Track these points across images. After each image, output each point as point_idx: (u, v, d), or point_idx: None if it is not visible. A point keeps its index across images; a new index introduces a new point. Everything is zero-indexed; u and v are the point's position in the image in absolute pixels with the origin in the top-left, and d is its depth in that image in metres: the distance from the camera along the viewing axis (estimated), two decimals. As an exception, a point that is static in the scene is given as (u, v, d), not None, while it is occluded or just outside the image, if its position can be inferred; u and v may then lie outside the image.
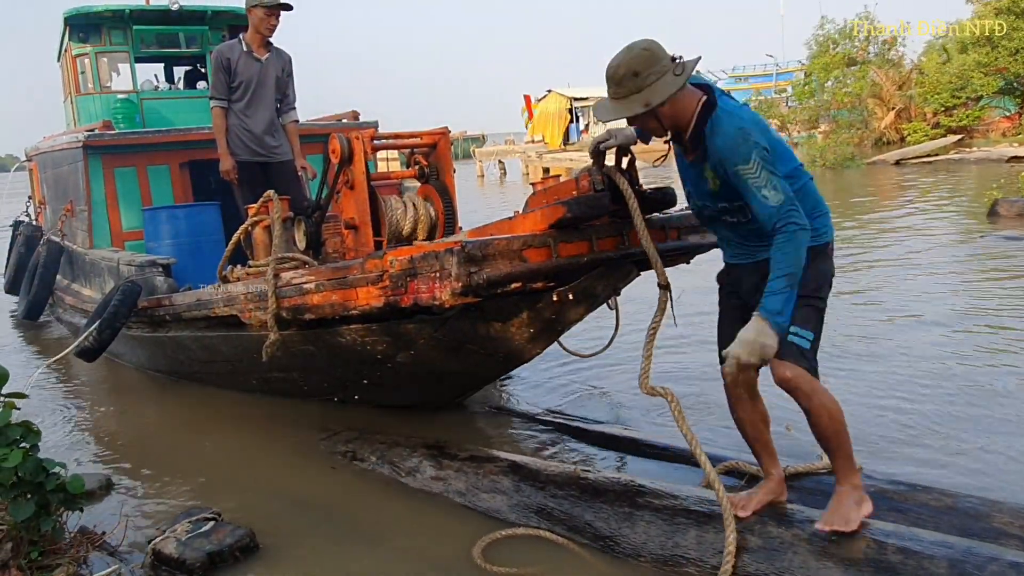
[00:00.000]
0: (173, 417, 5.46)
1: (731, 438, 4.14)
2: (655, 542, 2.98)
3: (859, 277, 8.24)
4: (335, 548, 3.36)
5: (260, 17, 5.32)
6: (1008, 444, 3.76)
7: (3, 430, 3.14)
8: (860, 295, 7.39)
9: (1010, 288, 7.08)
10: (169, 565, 3.16)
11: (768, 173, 2.56)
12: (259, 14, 5.30)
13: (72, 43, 7.95)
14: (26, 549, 3.08)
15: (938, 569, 2.43)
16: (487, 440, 4.37)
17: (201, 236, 6.17)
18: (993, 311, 6.39)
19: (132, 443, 4.89)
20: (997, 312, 6.34)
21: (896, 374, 4.76)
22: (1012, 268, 7.96)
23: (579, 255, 3.29)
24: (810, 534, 2.71)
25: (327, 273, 3.79)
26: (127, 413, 5.67)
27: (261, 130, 5.47)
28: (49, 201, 8.60)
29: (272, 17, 5.34)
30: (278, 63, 5.53)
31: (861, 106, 27.01)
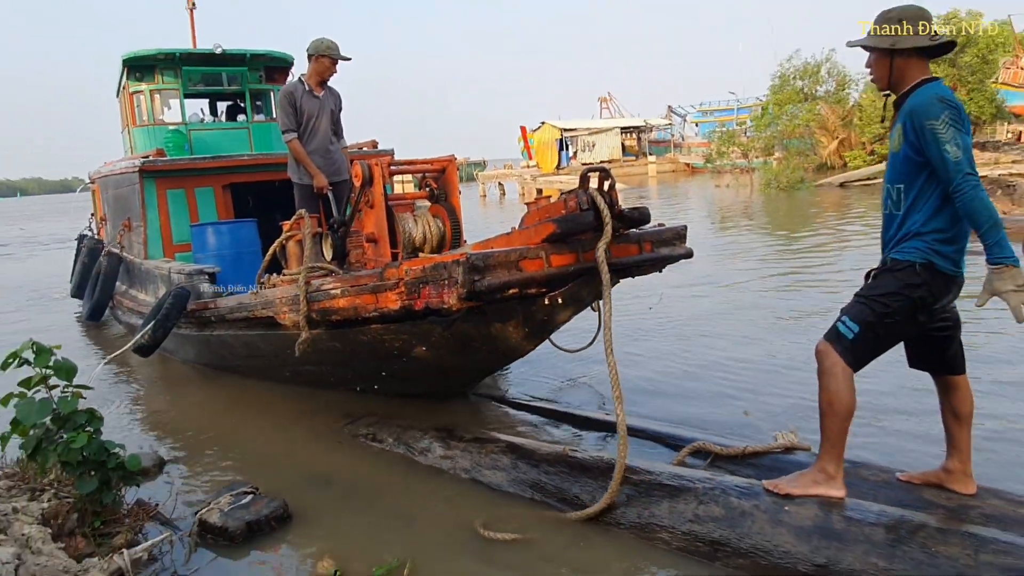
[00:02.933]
0: (217, 405, 5.47)
1: (699, 420, 4.18)
2: (632, 511, 2.99)
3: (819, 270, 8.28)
4: (358, 517, 3.38)
5: (326, 66, 5.39)
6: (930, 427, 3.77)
7: (71, 416, 3.16)
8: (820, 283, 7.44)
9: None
10: (213, 533, 3.18)
11: (955, 131, 2.43)
12: (325, 63, 5.37)
13: (129, 82, 7.97)
14: (90, 519, 3.10)
15: (876, 535, 2.46)
16: (488, 424, 4.38)
17: (241, 248, 6.19)
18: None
19: (182, 427, 4.89)
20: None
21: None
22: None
23: (567, 265, 3.30)
24: (767, 505, 2.72)
25: (351, 280, 3.81)
26: (177, 401, 5.68)
27: (321, 160, 5.50)
28: (109, 218, 8.61)
29: (333, 67, 5.43)
30: (332, 99, 5.59)
31: (810, 136, 27.08)
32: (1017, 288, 2.37)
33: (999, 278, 2.39)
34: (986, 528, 2.43)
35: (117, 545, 2.94)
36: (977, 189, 2.40)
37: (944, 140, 2.44)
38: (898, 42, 2.59)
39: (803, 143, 26.74)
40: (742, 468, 3.28)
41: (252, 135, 8.14)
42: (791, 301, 7.35)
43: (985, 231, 2.40)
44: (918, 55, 2.62)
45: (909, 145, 2.57)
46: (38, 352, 3.17)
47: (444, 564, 2.91)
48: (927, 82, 2.60)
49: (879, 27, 2.66)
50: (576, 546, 2.97)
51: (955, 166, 2.42)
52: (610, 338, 3.11)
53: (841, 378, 2.63)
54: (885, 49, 2.63)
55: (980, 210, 2.40)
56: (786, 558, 2.56)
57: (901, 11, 2.63)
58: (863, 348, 2.65)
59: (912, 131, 2.54)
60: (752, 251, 11.20)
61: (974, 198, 2.39)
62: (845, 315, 2.68)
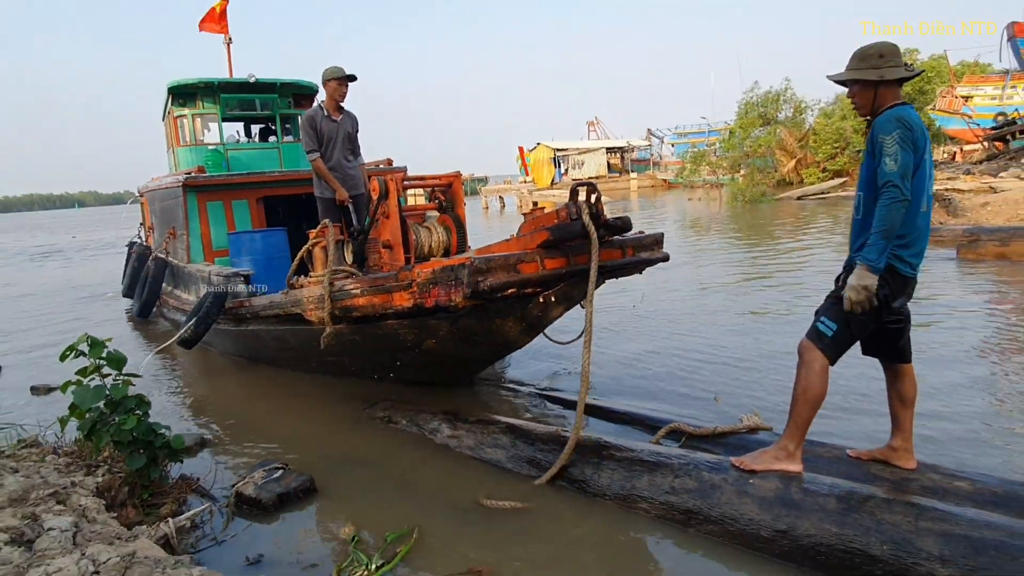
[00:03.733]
0: (251, 391, 5.47)
1: (675, 404, 4.19)
2: (617, 484, 3.00)
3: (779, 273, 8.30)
4: (375, 489, 3.39)
5: (334, 87, 5.37)
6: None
7: (122, 401, 3.16)
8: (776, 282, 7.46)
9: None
10: (248, 503, 3.19)
11: (899, 148, 2.43)
12: (333, 85, 5.36)
13: (174, 107, 7.97)
14: (139, 492, 3.10)
15: (829, 505, 2.47)
16: (490, 407, 4.39)
17: (272, 253, 6.18)
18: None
19: (220, 411, 4.90)
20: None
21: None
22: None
23: (559, 268, 3.32)
24: (734, 479, 2.73)
25: (369, 281, 3.81)
26: (216, 388, 5.68)
27: (340, 175, 5.49)
28: (156, 227, 8.61)
29: (343, 87, 5.39)
30: (348, 122, 5.57)
31: (771, 155, 27.13)
32: (856, 282, 2.50)
33: (855, 272, 2.52)
34: (925, 498, 2.44)
35: (163, 514, 2.95)
36: (893, 201, 2.43)
37: (887, 153, 2.46)
38: (885, 74, 2.58)
39: (765, 162, 26.81)
40: (712, 446, 3.29)
41: (282, 154, 8.14)
42: (755, 300, 7.36)
43: (874, 233, 2.48)
44: (896, 83, 2.62)
45: (871, 156, 2.57)
46: (92, 345, 3.17)
47: (449, 530, 2.91)
48: (897, 105, 2.59)
49: (861, 62, 2.64)
50: (567, 514, 2.97)
51: (885, 175, 2.45)
52: (590, 332, 3.16)
53: (818, 371, 2.64)
54: (871, 80, 2.61)
55: (883, 217, 2.45)
56: (751, 525, 2.58)
57: (880, 47, 2.62)
58: (840, 343, 2.65)
59: (871, 143, 2.56)
60: (720, 256, 11.21)
61: (885, 206, 2.45)
62: (823, 316, 2.67)
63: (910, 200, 2.46)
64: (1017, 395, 4.12)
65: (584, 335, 3.20)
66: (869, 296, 2.49)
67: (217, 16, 8.60)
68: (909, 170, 2.46)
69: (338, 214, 5.44)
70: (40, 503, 2.53)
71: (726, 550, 2.60)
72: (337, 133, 5.47)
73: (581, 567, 2.60)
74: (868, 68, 2.62)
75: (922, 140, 2.52)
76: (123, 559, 2.02)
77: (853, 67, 2.66)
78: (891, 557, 2.25)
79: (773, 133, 27.20)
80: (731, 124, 29.64)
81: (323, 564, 2.69)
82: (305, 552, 2.80)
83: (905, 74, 2.59)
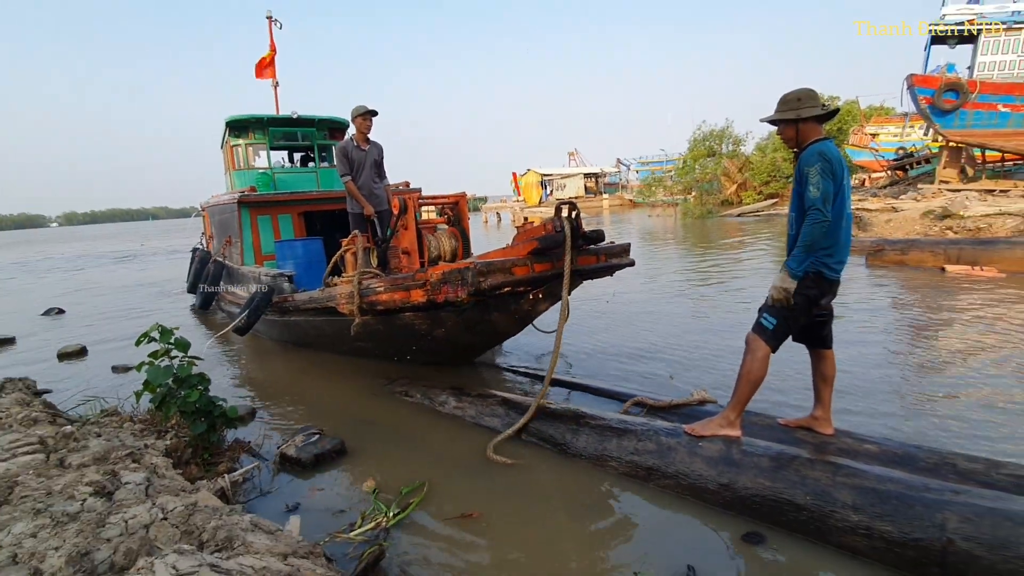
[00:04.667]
0: (293, 370, 5.43)
1: (639, 382, 4.18)
2: (591, 447, 3.00)
3: (723, 275, 8.33)
4: (395, 450, 3.37)
5: (360, 122, 5.32)
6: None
7: (186, 378, 3.13)
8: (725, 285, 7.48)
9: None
10: (290, 462, 3.17)
11: (820, 178, 2.45)
12: (359, 120, 5.31)
13: (230, 138, 7.91)
14: (201, 453, 3.08)
15: (763, 463, 2.47)
16: (488, 384, 4.37)
17: (311, 258, 6.15)
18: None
19: (268, 386, 4.86)
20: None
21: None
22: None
23: (546, 270, 3.31)
24: (686, 442, 2.73)
25: (391, 281, 3.79)
26: (264, 368, 5.64)
27: (367, 193, 5.45)
28: (215, 235, 8.54)
29: (367, 121, 5.33)
30: (375, 150, 5.51)
31: (716, 181, 27.19)
32: (779, 284, 2.58)
33: (778, 275, 2.60)
34: (841, 458, 2.45)
35: (220, 471, 2.93)
36: (815, 222, 2.47)
37: (811, 182, 2.47)
38: (802, 113, 2.60)
39: (711, 186, 26.87)
40: (669, 416, 3.29)
41: (319, 177, 8.09)
42: (703, 298, 7.37)
43: (798, 247, 2.53)
44: (814, 121, 2.61)
45: (799, 183, 2.59)
46: (162, 332, 3.14)
47: (454, 484, 2.90)
48: (819, 140, 2.59)
49: (784, 105, 2.65)
50: (552, 470, 2.97)
51: (810, 201, 2.49)
52: (564, 319, 3.20)
53: (760, 358, 2.64)
54: (792, 119, 2.62)
55: (807, 234, 2.50)
56: (700, 480, 2.58)
57: (798, 92, 2.64)
58: (780, 334, 2.66)
59: (798, 174, 2.57)
60: (676, 263, 11.23)
61: (809, 226, 2.49)
62: (765, 312, 2.67)
63: (831, 220, 2.48)
64: (913, 371, 4.15)
65: (559, 323, 3.21)
66: (787, 296, 2.56)
67: (267, 63, 8.53)
68: (830, 195, 2.47)
69: (365, 226, 5.41)
70: (119, 462, 2.50)
71: (679, 501, 2.61)
72: (365, 160, 5.44)
73: (556, 511, 2.60)
74: (788, 110, 2.63)
75: (840, 170, 2.52)
76: (187, 507, 2.00)
77: (778, 110, 2.67)
78: (813, 506, 2.26)
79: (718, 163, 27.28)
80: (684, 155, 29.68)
81: (350, 511, 2.68)
82: (336, 502, 2.79)
83: (820, 112, 2.60)
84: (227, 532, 1.84)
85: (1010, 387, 3.78)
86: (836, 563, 2.17)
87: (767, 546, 2.28)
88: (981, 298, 6.34)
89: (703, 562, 2.20)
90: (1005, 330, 5.06)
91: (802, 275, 2.55)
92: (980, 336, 4.93)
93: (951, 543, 1.95)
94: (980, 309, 5.86)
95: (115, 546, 1.77)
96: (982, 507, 1.98)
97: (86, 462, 2.42)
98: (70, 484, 2.18)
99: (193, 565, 1.53)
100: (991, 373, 4.05)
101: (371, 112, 5.34)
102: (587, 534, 2.42)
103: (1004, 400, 3.57)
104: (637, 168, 52.03)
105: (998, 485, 2.29)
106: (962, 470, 2.41)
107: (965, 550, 1.93)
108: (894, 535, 2.07)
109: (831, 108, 2.62)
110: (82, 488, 2.15)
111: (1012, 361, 4.27)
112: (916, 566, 2.02)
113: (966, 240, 8.94)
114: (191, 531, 1.89)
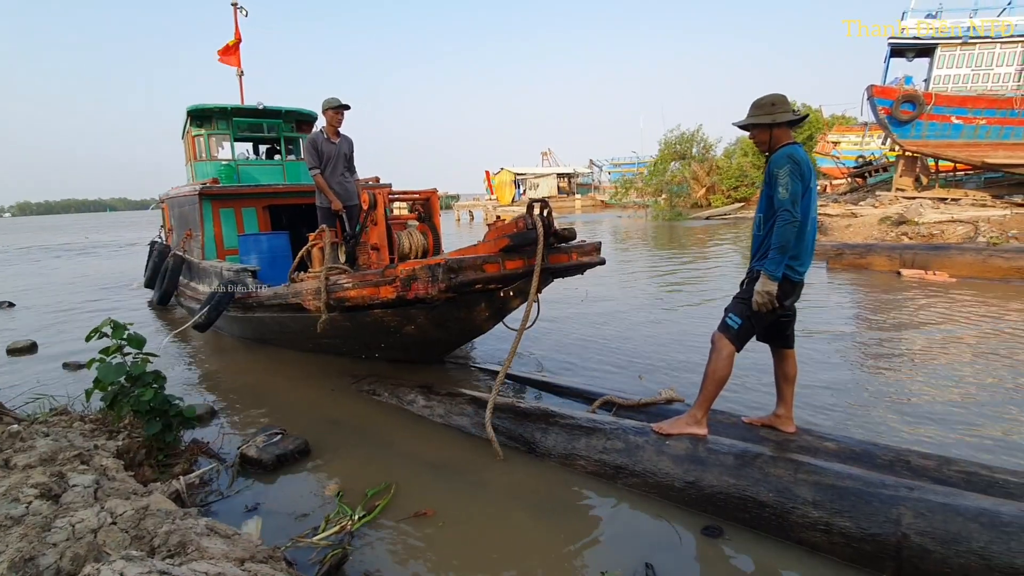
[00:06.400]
0: (255, 368, 5.28)
1: (609, 382, 4.21)
2: (560, 446, 2.99)
3: (691, 275, 8.46)
4: (361, 451, 3.30)
5: (331, 115, 5.20)
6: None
7: (140, 376, 3.01)
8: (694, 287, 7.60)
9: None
10: (251, 463, 3.07)
11: (790, 179, 2.50)
12: (330, 113, 5.19)
13: (192, 128, 7.65)
14: (155, 454, 2.95)
15: (728, 461, 2.51)
16: (457, 382, 4.34)
17: (276, 253, 5.99)
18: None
19: (229, 384, 4.71)
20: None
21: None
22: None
23: (517, 268, 3.29)
24: (654, 441, 2.75)
25: (360, 277, 3.72)
26: (225, 365, 5.47)
27: (337, 187, 5.33)
28: (175, 228, 8.26)
29: (339, 114, 5.21)
30: (345, 144, 5.39)
31: (685, 184, 27.67)
32: (761, 288, 2.58)
33: (759, 281, 2.58)
34: (802, 456, 2.50)
35: (175, 473, 2.81)
36: (785, 223, 2.50)
37: (780, 183, 2.51)
38: (777, 118, 2.64)
39: (681, 188, 27.35)
40: (637, 415, 3.31)
41: (286, 170, 7.89)
42: (671, 297, 7.49)
43: (772, 249, 2.55)
44: (786, 126, 2.66)
45: (768, 185, 2.62)
46: (115, 327, 3.00)
47: (421, 485, 2.85)
48: (789, 144, 2.64)
49: (758, 110, 2.68)
50: (521, 470, 2.95)
51: (779, 202, 2.52)
52: (527, 315, 3.18)
53: (725, 356, 2.67)
54: (766, 124, 2.66)
55: (779, 235, 2.52)
56: (667, 478, 2.60)
57: (772, 97, 2.68)
58: (744, 334, 2.69)
59: (768, 175, 2.61)
60: (645, 263, 11.38)
61: (780, 226, 2.51)
62: (731, 312, 2.70)
63: (800, 221, 2.52)
64: (870, 370, 4.29)
65: (522, 321, 3.20)
66: (771, 299, 2.58)
67: (231, 49, 8.27)
68: (798, 197, 2.52)
69: (334, 221, 5.29)
70: (66, 463, 2.37)
71: (646, 499, 2.62)
72: (335, 153, 5.32)
73: (524, 510, 2.58)
74: (763, 115, 2.66)
75: (808, 173, 2.57)
76: (137, 511, 1.91)
77: (752, 114, 2.71)
78: (775, 502, 2.30)
79: (687, 166, 27.78)
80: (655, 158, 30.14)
81: (313, 514, 2.60)
82: (299, 504, 2.71)
83: (792, 118, 2.65)
84: (180, 537, 1.76)
85: (961, 386, 3.94)
86: (788, 552, 2.21)
87: (725, 539, 2.32)
88: (933, 301, 6.61)
89: (663, 558, 2.21)
90: (956, 332, 5.29)
91: (781, 277, 2.60)
92: (933, 337, 5.14)
93: (906, 538, 2.01)
94: (932, 311, 6.10)
95: (61, 551, 1.68)
96: (935, 503, 2.05)
97: (32, 463, 2.29)
98: (15, 486, 2.06)
99: (142, 571, 1.45)
100: (943, 373, 4.22)
101: (343, 106, 5.23)
102: (554, 533, 2.41)
103: (955, 398, 3.72)
104: (609, 170, 52.56)
105: (949, 481, 2.38)
106: (916, 466, 2.50)
107: (919, 544, 1.99)
108: (852, 530, 2.12)
109: (802, 114, 2.68)
110: (27, 490, 2.03)
111: (962, 361, 4.46)
112: (873, 560, 2.08)
113: (920, 245, 9.32)
114: (142, 536, 1.80)
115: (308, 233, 4.79)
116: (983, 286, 7.46)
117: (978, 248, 8.52)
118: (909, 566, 2.00)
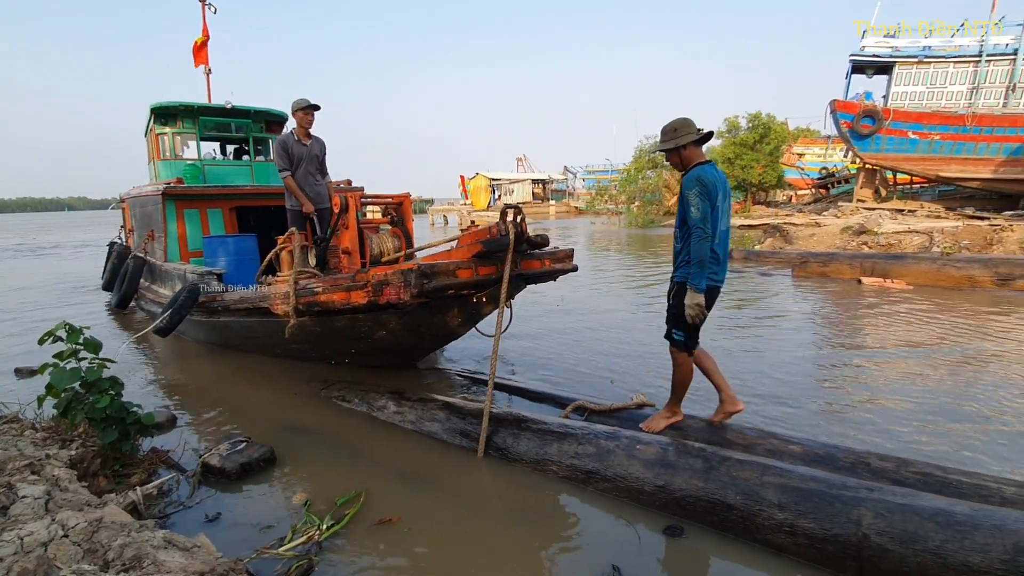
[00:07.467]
0: (220, 374, 5.13)
1: (582, 387, 4.23)
2: (532, 451, 2.99)
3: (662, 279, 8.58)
4: (329, 459, 3.23)
5: (301, 116, 5.09)
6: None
7: (96, 382, 2.89)
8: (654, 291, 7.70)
9: (734, 297, 7.53)
10: (214, 472, 2.98)
11: (699, 199, 2.71)
12: (300, 114, 5.08)
13: (156, 125, 7.41)
14: (111, 463, 2.83)
15: (697, 465, 2.54)
16: (429, 388, 4.30)
17: (243, 256, 5.83)
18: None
19: (190, 391, 4.56)
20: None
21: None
22: (731, 288, 8.44)
23: (490, 274, 3.29)
24: (624, 445, 2.78)
25: (330, 281, 3.65)
26: (187, 371, 5.29)
27: (308, 189, 5.23)
28: (136, 229, 7.98)
29: (308, 115, 5.11)
30: (317, 146, 5.29)
31: (658, 191, 28.14)
32: (691, 302, 2.81)
33: (687, 295, 2.82)
34: (768, 459, 2.55)
35: (132, 483, 2.70)
36: (699, 239, 2.74)
37: (691, 204, 2.75)
38: (679, 141, 2.87)
39: (653, 196, 27.79)
40: (608, 420, 3.34)
41: (254, 171, 7.72)
42: (642, 303, 7.59)
43: (693, 264, 2.77)
44: (694, 145, 2.88)
45: (681, 206, 2.85)
46: (70, 331, 2.88)
47: (391, 494, 2.81)
48: (700, 164, 2.86)
49: (664, 136, 2.93)
50: (492, 475, 2.94)
51: (693, 221, 2.75)
52: (500, 321, 3.22)
53: (685, 364, 2.98)
54: (672, 148, 2.89)
55: (694, 252, 2.76)
56: (637, 482, 2.62)
57: (675, 123, 2.91)
58: (691, 341, 2.97)
59: (681, 196, 2.83)
60: (617, 269, 11.51)
61: (696, 243, 2.74)
62: (674, 328, 2.96)
63: (711, 236, 2.76)
64: (832, 375, 4.42)
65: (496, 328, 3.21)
66: (701, 310, 2.83)
67: (197, 48, 8.08)
68: (708, 214, 2.74)
69: (304, 224, 5.19)
70: (16, 473, 2.26)
71: (617, 503, 2.64)
72: (307, 156, 5.23)
73: (495, 517, 2.57)
74: (669, 140, 2.92)
75: (714, 191, 2.77)
76: (91, 524, 1.83)
77: (661, 141, 2.96)
78: (743, 505, 2.35)
79: (660, 175, 28.26)
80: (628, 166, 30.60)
81: (279, 525, 2.53)
82: (264, 514, 2.63)
83: (695, 138, 2.87)
84: (136, 550, 1.69)
85: (919, 390, 4.09)
86: (747, 549, 2.25)
87: (686, 538, 2.37)
88: (892, 307, 6.86)
89: (629, 560, 2.23)
90: (914, 337, 5.50)
91: (705, 288, 2.82)
92: (892, 343, 5.33)
93: (866, 538, 2.07)
94: (891, 317, 6.34)
95: (8, 566, 1.59)
96: (893, 503, 2.11)
97: (-26, 475, 2.17)
98: (-46, 500, 1.94)
99: (95, 588, 1.39)
100: (901, 377, 4.38)
101: (313, 106, 5.15)
102: (524, 539, 2.40)
103: (913, 401, 3.86)
104: (584, 176, 53.08)
105: (907, 482, 2.46)
106: (875, 468, 2.58)
107: (878, 544, 2.05)
108: (815, 531, 2.17)
109: (704, 133, 2.89)
110: (-31, 504, 1.92)
111: (920, 366, 4.64)
112: (835, 560, 2.13)
113: (879, 255, 9.69)
114: (95, 549, 1.72)
115: (277, 236, 4.68)
116: (937, 292, 7.80)
117: (933, 258, 8.90)
118: (870, 566, 2.06)
